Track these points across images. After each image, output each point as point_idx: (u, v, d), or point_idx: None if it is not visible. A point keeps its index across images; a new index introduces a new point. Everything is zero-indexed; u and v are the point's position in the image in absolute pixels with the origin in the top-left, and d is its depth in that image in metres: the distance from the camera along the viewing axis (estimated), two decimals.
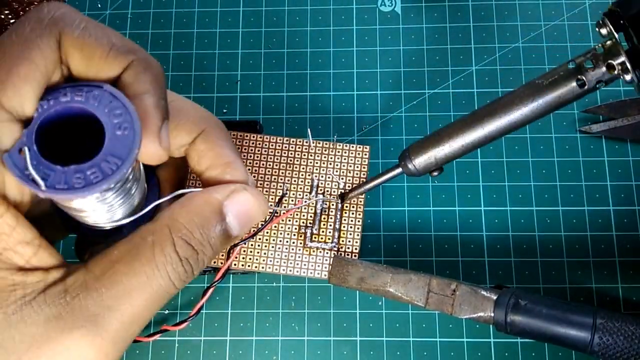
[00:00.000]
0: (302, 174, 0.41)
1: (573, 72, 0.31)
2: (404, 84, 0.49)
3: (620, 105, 0.46)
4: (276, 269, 0.40)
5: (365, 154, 0.41)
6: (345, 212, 0.40)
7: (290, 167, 0.41)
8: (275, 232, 0.40)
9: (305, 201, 0.40)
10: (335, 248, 0.40)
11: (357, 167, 0.41)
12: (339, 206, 0.40)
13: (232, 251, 0.37)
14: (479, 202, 0.45)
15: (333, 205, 0.40)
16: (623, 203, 0.45)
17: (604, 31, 0.30)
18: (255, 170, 0.41)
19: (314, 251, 0.40)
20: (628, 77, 0.29)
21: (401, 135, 0.47)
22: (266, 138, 0.42)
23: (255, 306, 0.44)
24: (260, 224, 0.38)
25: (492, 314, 0.36)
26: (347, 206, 0.41)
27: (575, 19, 0.49)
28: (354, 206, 0.41)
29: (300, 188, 0.41)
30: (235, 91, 0.49)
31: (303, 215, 0.40)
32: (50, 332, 0.22)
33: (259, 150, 0.42)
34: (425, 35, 0.50)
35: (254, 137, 0.42)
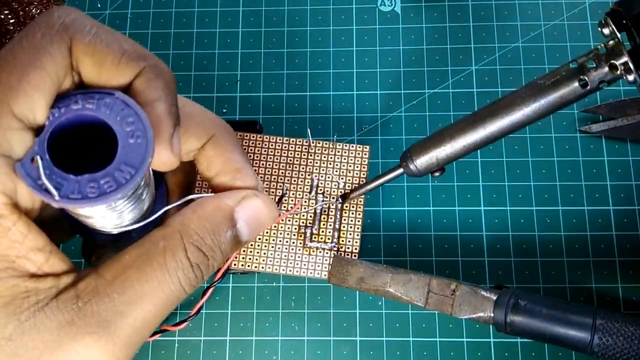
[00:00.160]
0: (302, 174, 0.41)
1: (575, 73, 0.31)
2: (403, 83, 0.49)
3: (620, 105, 0.46)
4: (276, 269, 0.40)
5: (365, 154, 0.41)
6: (345, 212, 0.40)
7: (290, 167, 0.41)
8: (275, 232, 0.40)
9: (306, 208, 0.40)
10: (335, 248, 0.40)
11: (357, 167, 0.41)
12: (339, 206, 0.40)
13: None
14: (479, 202, 0.45)
15: (333, 205, 0.40)
16: (623, 203, 0.45)
17: (606, 31, 0.29)
18: (255, 170, 0.41)
19: (313, 251, 0.40)
20: (631, 77, 0.29)
21: (401, 135, 0.47)
22: (266, 138, 0.42)
23: (255, 306, 0.44)
24: None
25: (492, 314, 0.36)
26: (347, 206, 0.40)
27: (575, 19, 0.49)
28: (353, 206, 0.40)
29: (300, 188, 0.41)
30: (235, 91, 0.49)
31: (303, 215, 0.40)
32: (63, 338, 0.22)
33: (258, 150, 0.41)
34: (425, 35, 0.50)
35: (253, 137, 0.42)
